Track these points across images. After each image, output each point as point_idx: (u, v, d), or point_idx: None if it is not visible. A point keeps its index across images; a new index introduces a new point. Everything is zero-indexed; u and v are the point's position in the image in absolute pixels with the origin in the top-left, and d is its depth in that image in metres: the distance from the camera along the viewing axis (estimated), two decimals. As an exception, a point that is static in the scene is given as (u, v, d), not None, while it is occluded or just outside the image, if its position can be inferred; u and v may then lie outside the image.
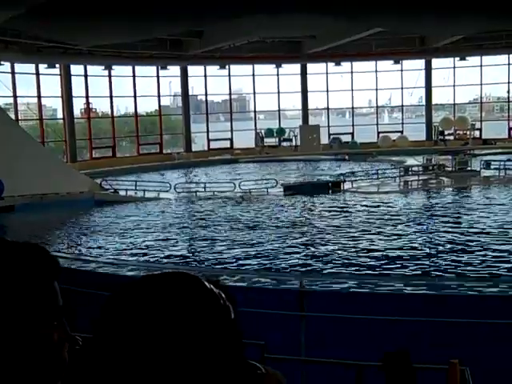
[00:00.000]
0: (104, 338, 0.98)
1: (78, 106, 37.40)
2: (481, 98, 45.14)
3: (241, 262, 14.43)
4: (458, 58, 41.02)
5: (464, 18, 26.60)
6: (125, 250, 16.12)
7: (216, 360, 0.97)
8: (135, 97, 38.75)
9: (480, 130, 42.49)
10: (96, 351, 0.99)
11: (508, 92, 45.12)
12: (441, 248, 15.02)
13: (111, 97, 37.83)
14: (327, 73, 42.80)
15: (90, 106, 38.18)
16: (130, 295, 0.99)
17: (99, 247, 16.59)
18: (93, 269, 11.75)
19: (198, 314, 0.96)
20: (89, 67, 36.25)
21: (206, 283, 1.02)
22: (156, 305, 0.96)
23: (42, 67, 33.95)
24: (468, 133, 41.45)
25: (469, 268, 13.11)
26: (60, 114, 36.58)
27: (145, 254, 15.51)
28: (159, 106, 40.59)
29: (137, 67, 38.03)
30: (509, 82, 44.42)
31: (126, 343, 0.95)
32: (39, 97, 34.79)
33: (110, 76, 37.09)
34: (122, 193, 25.19)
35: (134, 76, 38.27)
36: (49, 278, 1.10)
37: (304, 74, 42.70)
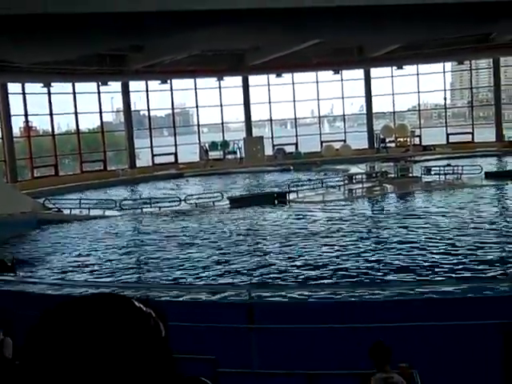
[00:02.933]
0: (28, 362, 0.97)
1: (17, 124, 36.67)
2: (419, 105, 46.27)
3: (189, 277, 14.34)
4: (395, 67, 41.95)
5: (400, 28, 27.24)
6: (70, 269, 15.82)
7: (146, 379, 0.96)
8: (76, 114, 38.18)
9: (420, 136, 43.51)
10: (23, 373, 0.97)
11: (444, 99, 46.44)
12: (387, 254, 15.26)
13: (51, 114, 37.17)
14: (269, 84, 43.18)
15: (30, 125, 37.46)
16: (58, 318, 0.98)
17: (44, 268, 16.23)
18: (37, 290, 11.47)
19: (126, 334, 0.96)
20: (27, 85, 35.57)
21: (136, 303, 1.02)
22: (83, 327, 0.95)
23: (-22, 86, 33.18)
24: (408, 140, 42.38)
25: (419, 272, 13.36)
26: (-2, 134, 35.75)
27: (90, 273, 15.26)
28: (101, 122, 40.11)
29: (77, 84, 37.50)
30: (445, 90, 45.73)
31: (51, 367, 0.94)
32: (-24, 116, 33.96)
33: (49, 93, 36.46)
34: (66, 212, 24.75)
35: (74, 93, 37.73)
36: None
37: (246, 86, 42.94)
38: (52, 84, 35.74)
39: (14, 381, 0.99)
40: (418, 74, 43.32)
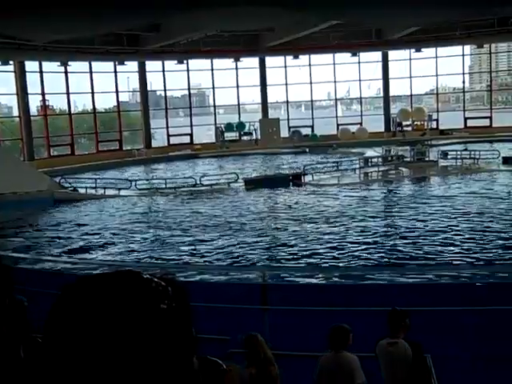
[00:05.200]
0: (50, 338, 0.98)
1: (34, 103, 36.83)
2: (437, 88, 45.85)
3: (204, 257, 14.40)
4: (413, 50, 41.54)
5: (420, 10, 26.95)
6: (86, 248, 15.94)
7: (161, 357, 0.96)
8: (93, 93, 38.26)
9: (437, 120, 43.14)
10: (44, 350, 0.98)
11: (463, 83, 45.96)
12: (403, 237, 15.21)
13: (68, 93, 37.27)
14: (286, 66, 42.94)
15: (47, 104, 37.56)
16: (76, 296, 0.99)
17: (60, 246, 16.36)
18: (54, 269, 11.59)
19: (141, 314, 0.96)
20: (44, 63, 35.64)
21: (155, 281, 1.01)
22: (102, 304, 0.95)
23: (-4, 64, 33.30)
24: (425, 123, 42.06)
25: (431, 256, 13.32)
26: (16, 112, 35.92)
27: (107, 252, 15.37)
28: (117, 102, 40.15)
29: (94, 63, 37.52)
30: (463, 73, 45.24)
31: (70, 344, 0.95)
32: (-6, 95, 34.13)
33: (66, 72, 36.51)
34: (82, 191, 24.89)
35: (90, 72, 37.76)
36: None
37: (263, 67, 42.74)
38: (69, 63, 35.78)
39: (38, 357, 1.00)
40: (436, 57, 42.87)
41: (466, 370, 7.26)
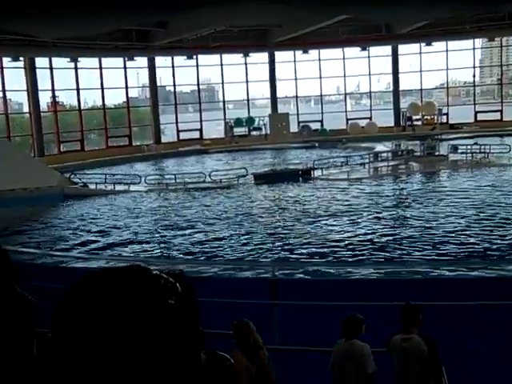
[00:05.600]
0: (59, 333, 0.98)
1: (45, 99, 36.95)
2: (447, 82, 45.61)
3: (214, 252, 14.43)
4: (423, 44, 41.33)
5: (430, 4, 26.83)
6: (96, 243, 16.00)
7: (169, 352, 0.97)
8: (102, 89, 38.36)
9: (447, 114, 42.92)
10: (53, 346, 0.99)
11: (474, 76, 45.72)
12: (412, 233, 15.18)
13: (78, 89, 37.38)
14: (295, 61, 42.87)
15: (57, 99, 37.70)
16: (85, 291, 0.99)
17: (70, 242, 16.44)
18: (63, 264, 11.64)
19: (149, 309, 0.96)
20: (54, 60, 35.74)
21: (163, 277, 1.01)
22: (109, 300, 0.96)
23: (6, 60, 33.41)
24: (435, 118, 41.89)
25: (441, 252, 13.29)
26: (26, 108, 36.06)
27: (116, 248, 15.42)
28: (127, 97, 40.24)
29: (103, 59, 37.61)
30: (474, 67, 45.00)
31: (79, 340, 0.96)
32: (4, 91, 34.25)
33: (76, 68, 36.64)
34: (92, 186, 24.98)
35: (100, 68, 37.87)
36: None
37: (272, 62, 42.68)
38: (79, 59, 35.89)
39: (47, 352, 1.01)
40: (447, 51, 42.61)
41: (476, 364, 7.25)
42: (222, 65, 41.95)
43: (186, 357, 1.00)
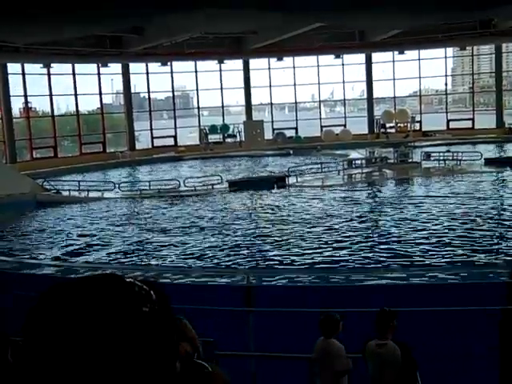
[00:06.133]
0: (29, 342, 0.97)
1: (17, 105, 36.57)
2: (420, 91, 46.09)
3: (188, 259, 14.37)
4: (396, 52, 41.76)
5: (400, 13, 27.11)
6: (69, 251, 15.84)
7: (144, 361, 0.95)
8: (76, 95, 38.06)
9: (420, 122, 43.37)
10: (24, 355, 0.97)
11: (446, 85, 46.28)
12: (387, 239, 15.27)
13: (51, 95, 37.04)
14: (269, 68, 43.00)
15: (29, 105, 37.33)
16: (57, 299, 0.98)
17: (43, 249, 16.24)
18: (36, 272, 11.50)
19: (123, 317, 0.95)
20: (26, 65, 35.41)
21: (137, 285, 1.01)
22: (80, 309, 0.94)
23: (-22, 66, 33.02)
24: (408, 125, 42.29)
25: (415, 258, 13.39)
26: (-2, 114, 35.62)
27: (90, 255, 15.28)
28: (101, 104, 39.99)
29: (77, 65, 37.34)
30: (446, 75, 45.57)
31: (50, 349, 0.94)
32: (-25, 97, 33.84)
33: (49, 74, 36.32)
34: (65, 193, 24.74)
35: (74, 74, 37.58)
36: None
37: (246, 69, 42.75)
38: (52, 65, 35.59)
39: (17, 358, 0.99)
40: (419, 59, 43.11)
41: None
42: (196, 72, 41.93)
43: (161, 365, 0.99)
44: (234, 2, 24.06)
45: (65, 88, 37.83)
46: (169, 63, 39.80)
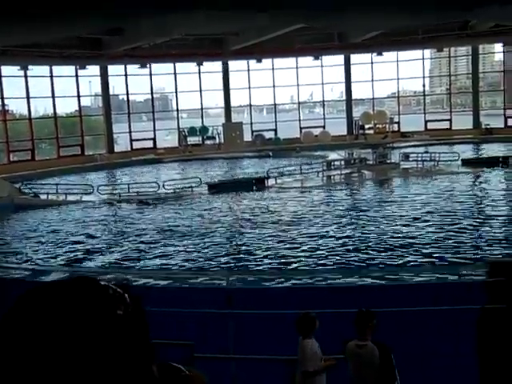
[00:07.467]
0: (2, 348, 0.96)
1: (-7, 107, 36.17)
2: (398, 92, 46.41)
3: (168, 261, 14.32)
4: (375, 54, 42.02)
5: (379, 15, 27.27)
6: (46, 254, 15.71)
7: (119, 364, 0.95)
8: (54, 97, 37.77)
9: (398, 123, 43.69)
10: None
11: (423, 86, 46.66)
12: (366, 240, 15.34)
13: (28, 98, 36.73)
14: (249, 70, 43.04)
15: (6, 108, 36.96)
16: (31, 303, 0.97)
17: (20, 253, 16.09)
18: (12, 276, 11.40)
19: (97, 320, 0.94)
20: (3, 67, 35.06)
21: (111, 287, 1.00)
22: (56, 312, 0.94)
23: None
24: (387, 126, 42.56)
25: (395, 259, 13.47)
26: (-26, 117, 35.26)
27: (67, 259, 15.17)
28: (79, 106, 39.73)
29: (54, 67, 37.06)
30: (424, 77, 45.97)
31: (23, 353, 0.93)
32: (-49, 99, 33.46)
33: (26, 76, 35.99)
34: (43, 197, 24.53)
35: (51, 76, 37.29)
36: None
37: (226, 71, 42.75)
38: (29, 67, 35.28)
39: None
40: (397, 61, 43.44)
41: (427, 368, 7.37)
42: (175, 73, 41.83)
43: (136, 368, 0.98)
44: (222, 4, 23.99)
45: (42, 90, 37.56)
46: (148, 65, 39.66)
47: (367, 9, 25.36)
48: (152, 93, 42.60)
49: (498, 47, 44.44)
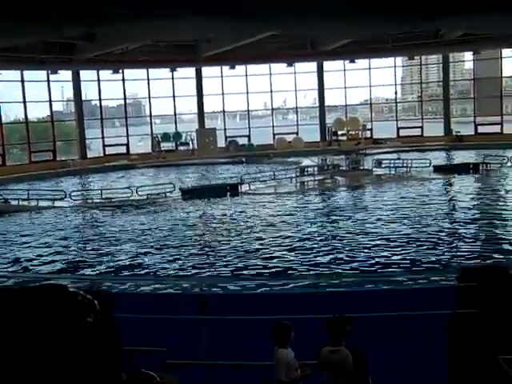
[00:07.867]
0: None
1: (-37, 113, 35.68)
2: (370, 99, 46.79)
3: (141, 268, 14.24)
4: (347, 61, 42.31)
5: (349, 23, 27.45)
6: (16, 261, 15.51)
7: (88, 371, 0.94)
8: (25, 102, 37.35)
9: (371, 130, 44.03)
10: None
11: (395, 93, 47.09)
12: (339, 245, 15.42)
13: (-2, 103, 36.29)
14: (222, 76, 43.05)
15: (-24, 113, 36.47)
16: None
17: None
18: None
19: (66, 327, 0.93)
20: (-27, 72, 34.62)
21: (80, 294, 0.99)
22: (24, 319, 0.93)
23: None
24: (360, 133, 42.86)
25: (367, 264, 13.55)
26: None
27: (38, 265, 14.99)
28: (51, 111, 39.34)
29: (26, 72, 36.66)
30: (395, 84, 46.38)
31: None
32: None
33: (-4, 81, 35.58)
34: (14, 202, 24.23)
35: (22, 81, 36.89)
36: None
37: (199, 77, 42.72)
38: (-1, 71, 34.85)
39: None
40: (369, 68, 43.82)
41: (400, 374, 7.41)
42: (148, 79, 41.67)
43: (104, 375, 0.97)
44: (188, 11, 23.96)
45: (13, 95, 37.13)
46: (120, 70, 39.44)
47: (327, 18, 25.43)
48: (125, 98, 42.39)
49: (468, 56, 45.08)
